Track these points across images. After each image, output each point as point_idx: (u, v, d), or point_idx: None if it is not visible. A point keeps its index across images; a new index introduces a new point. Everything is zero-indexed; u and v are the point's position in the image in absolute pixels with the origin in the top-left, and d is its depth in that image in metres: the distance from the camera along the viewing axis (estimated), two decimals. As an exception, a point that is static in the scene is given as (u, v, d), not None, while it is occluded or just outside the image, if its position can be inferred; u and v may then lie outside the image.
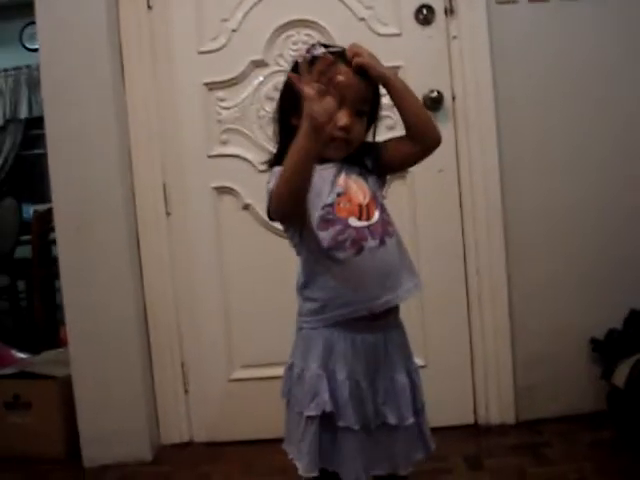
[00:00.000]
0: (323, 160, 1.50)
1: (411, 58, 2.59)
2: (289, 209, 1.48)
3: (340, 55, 1.49)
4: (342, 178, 1.53)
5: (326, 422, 1.50)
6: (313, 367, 1.53)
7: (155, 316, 2.71)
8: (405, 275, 1.55)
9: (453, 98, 2.61)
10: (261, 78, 2.64)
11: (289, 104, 1.52)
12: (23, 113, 6.89)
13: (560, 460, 2.38)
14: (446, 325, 2.67)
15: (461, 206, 2.64)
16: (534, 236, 2.68)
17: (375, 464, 1.54)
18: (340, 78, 1.41)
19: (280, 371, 2.55)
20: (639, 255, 2.69)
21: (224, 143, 2.67)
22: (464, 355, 2.70)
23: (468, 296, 2.67)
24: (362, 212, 1.51)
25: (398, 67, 2.55)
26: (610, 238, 2.69)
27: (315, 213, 1.50)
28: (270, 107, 2.61)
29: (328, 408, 1.48)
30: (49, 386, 2.73)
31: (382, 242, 1.51)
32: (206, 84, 2.65)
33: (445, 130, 2.61)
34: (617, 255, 2.69)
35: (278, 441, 1.49)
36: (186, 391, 2.74)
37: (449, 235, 2.64)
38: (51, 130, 2.57)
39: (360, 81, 1.50)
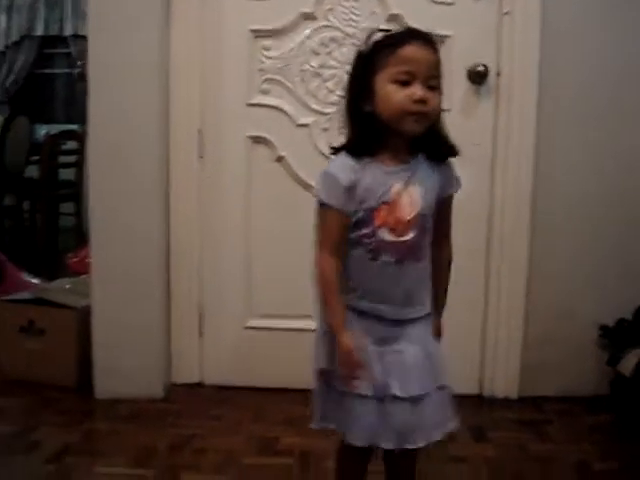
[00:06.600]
0: (397, 137, 1.52)
1: (461, 29, 2.58)
2: None
3: (409, 34, 1.51)
4: (398, 187, 1.52)
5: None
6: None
7: (178, 257, 2.72)
8: (417, 302, 1.61)
9: (498, 74, 2.60)
10: (308, 31, 2.61)
11: (359, 88, 1.52)
12: (39, 30, 6.73)
13: (561, 439, 2.44)
14: (462, 294, 2.66)
15: (492, 179, 2.65)
16: (560, 219, 2.69)
17: (382, 435, 1.56)
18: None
19: (295, 324, 2.62)
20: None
21: (264, 93, 2.65)
22: (477, 326, 2.74)
23: (488, 268, 2.70)
24: (397, 228, 1.53)
25: (447, 36, 2.53)
26: (633, 230, 2.71)
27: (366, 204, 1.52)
28: (315, 62, 2.62)
29: (327, 365, 1.57)
30: (67, 315, 2.74)
31: (399, 262, 1.54)
32: (253, 31, 2.62)
33: (487, 104, 2.63)
34: (636, 248, 2.72)
35: (287, 391, 1.51)
36: (201, 333, 2.77)
37: (477, 206, 2.64)
38: (94, 54, 2.54)
39: (432, 56, 1.49)
